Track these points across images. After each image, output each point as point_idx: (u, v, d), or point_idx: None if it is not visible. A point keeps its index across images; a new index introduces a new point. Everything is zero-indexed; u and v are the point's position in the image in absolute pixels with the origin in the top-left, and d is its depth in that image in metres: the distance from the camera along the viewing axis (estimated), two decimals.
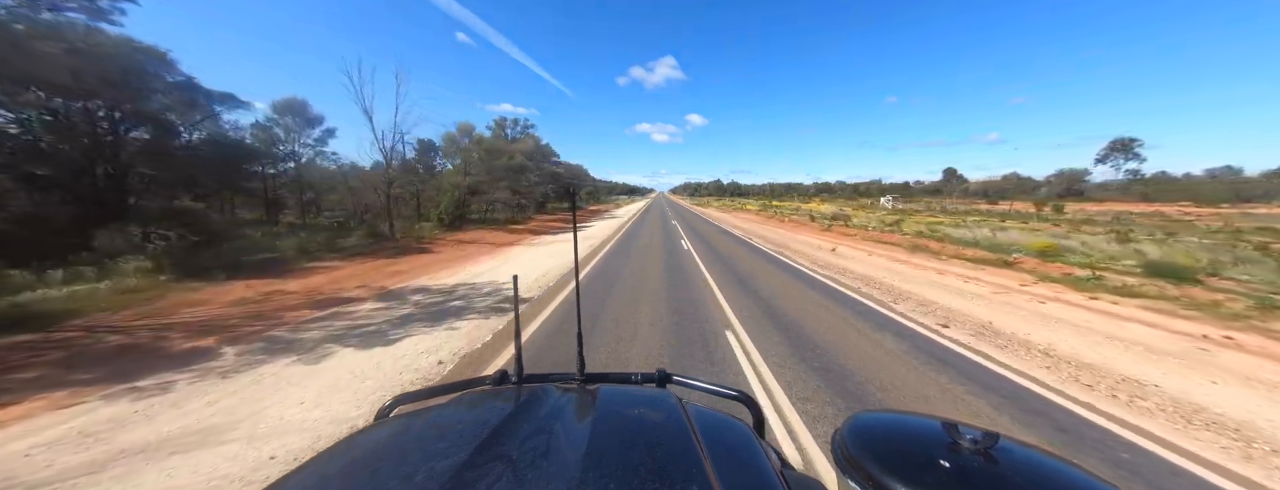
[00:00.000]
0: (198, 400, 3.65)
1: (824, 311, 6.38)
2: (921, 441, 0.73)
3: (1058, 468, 0.66)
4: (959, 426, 0.72)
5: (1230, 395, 3.76)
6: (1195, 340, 5.15)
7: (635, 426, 0.81)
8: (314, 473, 0.69)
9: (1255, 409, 3.51)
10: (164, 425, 3.25)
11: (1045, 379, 4.07)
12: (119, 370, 4.28)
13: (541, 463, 0.67)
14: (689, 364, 4.36)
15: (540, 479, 0.62)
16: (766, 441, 0.91)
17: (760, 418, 1.17)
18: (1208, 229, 21.01)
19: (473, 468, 0.65)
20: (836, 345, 4.90)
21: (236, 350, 4.85)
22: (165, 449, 2.95)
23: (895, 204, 58.59)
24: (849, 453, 0.72)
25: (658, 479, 0.63)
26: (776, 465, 0.79)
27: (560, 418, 0.83)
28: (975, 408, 3.52)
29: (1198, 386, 3.93)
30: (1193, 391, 3.82)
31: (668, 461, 0.68)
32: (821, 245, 15.35)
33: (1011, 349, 4.85)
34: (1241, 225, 22.32)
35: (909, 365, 4.35)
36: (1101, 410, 3.48)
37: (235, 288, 7.98)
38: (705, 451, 0.72)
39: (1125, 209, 41.20)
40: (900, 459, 0.69)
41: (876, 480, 0.65)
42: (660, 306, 6.52)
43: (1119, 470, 2.76)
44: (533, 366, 3.53)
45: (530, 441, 0.74)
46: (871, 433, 0.76)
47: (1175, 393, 3.80)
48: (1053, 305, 6.80)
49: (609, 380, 1.22)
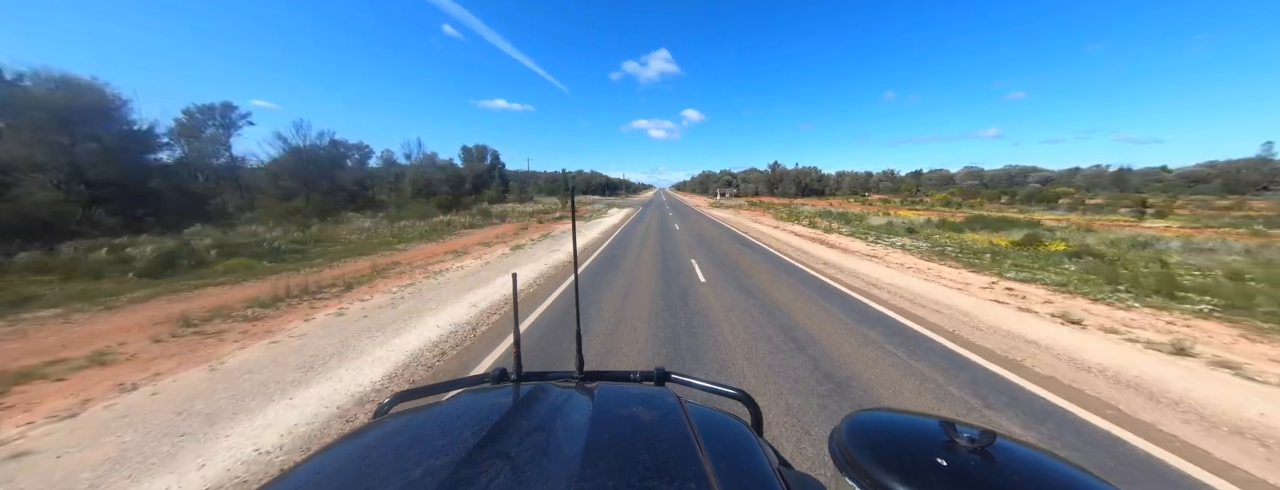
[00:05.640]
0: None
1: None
2: (919, 440, 0.71)
3: (1055, 467, 0.66)
4: (956, 425, 0.71)
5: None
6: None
7: (634, 424, 0.81)
8: (314, 469, 0.70)
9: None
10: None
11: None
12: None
13: (541, 460, 0.68)
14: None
15: (540, 476, 0.63)
16: (764, 439, 0.91)
17: (759, 416, 1.17)
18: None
19: (472, 465, 0.65)
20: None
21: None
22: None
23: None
24: (846, 451, 0.72)
25: (656, 476, 0.63)
26: (774, 463, 0.79)
27: (559, 415, 0.84)
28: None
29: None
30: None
31: (666, 459, 0.69)
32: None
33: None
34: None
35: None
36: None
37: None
38: (703, 449, 0.73)
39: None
40: (898, 457, 0.68)
41: (874, 479, 0.64)
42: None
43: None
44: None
45: (530, 439, 0.74)
46: (869, 431, 0.76)
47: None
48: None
49: (608, 378, 1.24)
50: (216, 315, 6.31)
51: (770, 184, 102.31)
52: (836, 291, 8.35)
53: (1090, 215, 30.05)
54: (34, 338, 5.42)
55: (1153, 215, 28.99)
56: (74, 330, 5.71)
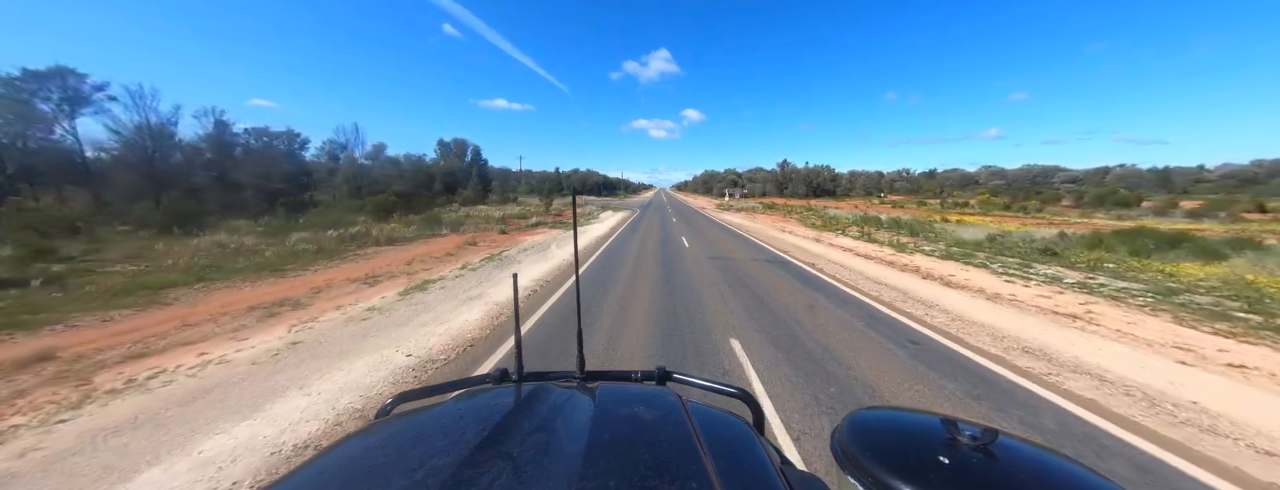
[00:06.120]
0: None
1: None
2: (921, 438, 0.71)
3: (1057, 464, 0.65)
4: (958, 423, 0.70)
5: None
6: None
7: (636, 424, 0.81)
8: (317, 470, 0.69)
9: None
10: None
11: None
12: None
13: (542, 460, 0.67)
14: None
15: (541, 476, 0.62)
16: (766, 439, 0.90)
17: (760, 415, 1.16)
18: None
19: (474, 465, 0.64)
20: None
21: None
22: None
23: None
24: (849, 450, 0.72)
25: (658, 476, 0.63)
26: (776, 462, 0.78)
27: (561, 415, 0.84)
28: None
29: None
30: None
31: (668, 458, 0.68)
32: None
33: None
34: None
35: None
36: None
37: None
38: (705, 448, 0.72)
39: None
40: (900, 455, 0.68)
41: (876, 477, 0.64)
42: None
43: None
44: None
45: (531, 439, 0.74)
46: (871, 430, 0.76)
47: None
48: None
49: (609, 378, 1.24)
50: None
51: (779, 184, 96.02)
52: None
53: (1227, 223, 23.63)
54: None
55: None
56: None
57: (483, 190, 46.50)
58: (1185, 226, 19.97)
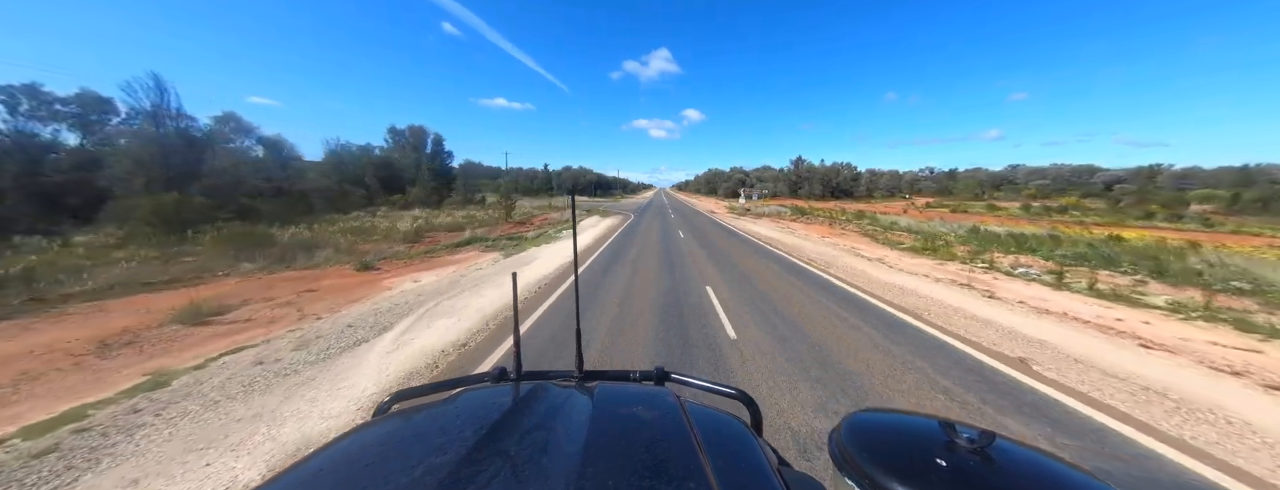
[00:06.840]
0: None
1: None
2: (918, 440, 0.70)
3: (1054, 467, 0.64)
4: (956, 426, 0.69)
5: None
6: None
7: (633, 423, 0.80)
8: (315, 467, 0.68)
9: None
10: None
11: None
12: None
13: (540, 459, 0.66)
14: None
15: (539, 475, 0.61)
16: (764, 439, 0.90)
17: (758, 415, 1.15)
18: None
19: (472, 463, 0.63)
20: None
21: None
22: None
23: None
24: (846, 451, 0.70)
25: (656, 475, 0.62)
26: (774, 462, 0.78)
27: (559, 414, 0.82)
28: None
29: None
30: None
31: (666, 458, 0.68)
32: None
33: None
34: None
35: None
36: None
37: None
38: (703, 448, 0.72)
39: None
40: (897, 458, 0.66)
41: (873, 479, 0.63)
42: None
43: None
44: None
45: (529, 438, 0.73)
46: (868, 431, 0.74)
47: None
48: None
49: (607, 377, 1.22)
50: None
51: (792, 184, 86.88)
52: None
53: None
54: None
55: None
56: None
57: (440, 188, 37.60)
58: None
